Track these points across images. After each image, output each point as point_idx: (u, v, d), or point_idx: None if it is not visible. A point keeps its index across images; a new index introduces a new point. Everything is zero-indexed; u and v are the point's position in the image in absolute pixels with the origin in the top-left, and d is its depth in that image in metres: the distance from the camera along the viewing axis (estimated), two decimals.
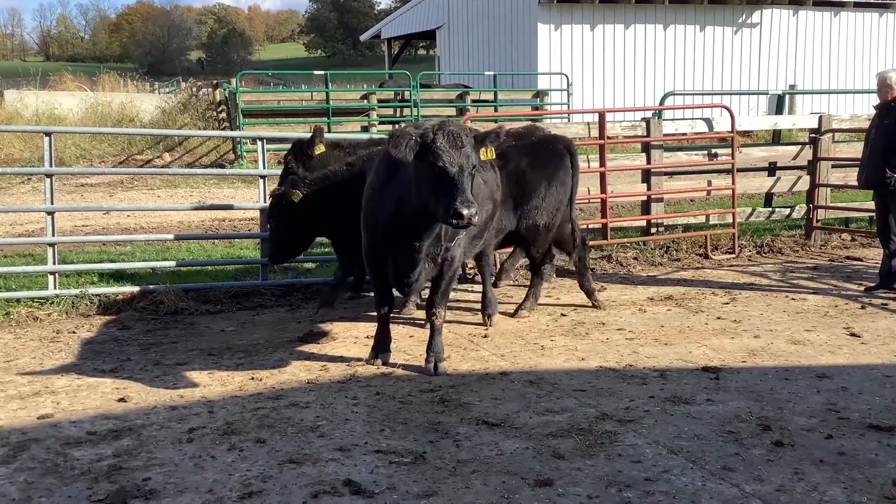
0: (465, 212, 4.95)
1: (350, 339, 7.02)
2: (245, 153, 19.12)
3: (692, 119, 11.82)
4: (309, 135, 7.67)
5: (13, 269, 8.26)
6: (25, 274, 8.47)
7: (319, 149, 7.39)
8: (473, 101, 22.65)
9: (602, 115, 10.06)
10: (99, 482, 4.23)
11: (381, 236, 5.80)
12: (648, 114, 11.39)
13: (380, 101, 22.59)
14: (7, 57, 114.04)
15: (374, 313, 6.45)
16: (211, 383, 5.87)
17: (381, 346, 6.33)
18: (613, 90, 25.28)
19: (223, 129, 20.80)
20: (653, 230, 10.54)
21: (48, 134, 8.11)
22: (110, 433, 4.90)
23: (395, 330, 6.75)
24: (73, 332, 7.27)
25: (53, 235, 8.18)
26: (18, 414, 5.26)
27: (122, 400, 5.50)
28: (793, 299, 8.17)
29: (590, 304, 7.91)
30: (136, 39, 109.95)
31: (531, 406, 5.32)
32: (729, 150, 10.71)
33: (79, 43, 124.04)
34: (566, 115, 20.69)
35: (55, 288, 8.04)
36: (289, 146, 8.14)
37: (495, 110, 22.21)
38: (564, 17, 24.74)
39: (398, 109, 22.56)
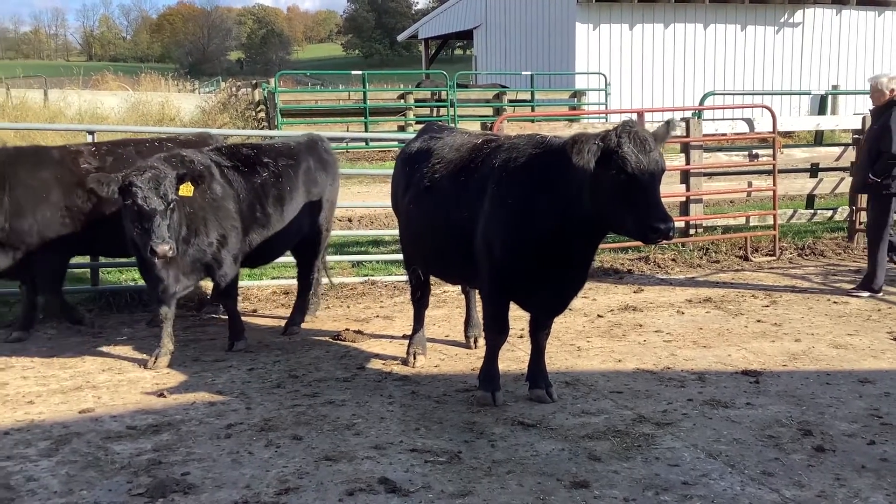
0: (662, 226, 4.48)
1: (386, 338, 7.04)
2: None
3: (732, 119, 11.67)
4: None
5: None
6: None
7: None
8: (510, 101, 22.60)
9: (641, 115, 9.99)
10: (139, 476, 4.29)
11: (533, 255, 5.05)
12: (688, 114, 11.29)
13: (416, 100, 22.63)
14: (51, 57, 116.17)
15: (485, 343, 5.58)
16: (249, 380, 5.92)
17: (495, 380, 5.49)
18: (652, 90, 25.05)
19: (261, 128, 20.97)
20: (692, 231, 10.44)
21: (91, 132, 8.24)
22: (150, 428, 4.97)
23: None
24: (114, 328, 7.38)
25: None
26: (60, 408, 5.36)
27: (161, 395, 5.57)
28: (835, 303, 8.04)
29: (629, 306, 7.86)
30: (176, 40, 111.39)
31: (567, 407, 5.30)
32: (770, 151, 10.56)
33: (121, 43, 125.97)
34: (604, 115, 20.56)
35: (96, 284, 8.16)
36: (332, 144, 8.14)
37: (532, 110, 22.14)
38: (603, 17, 24.58)
39: (435, 109, 22.60)
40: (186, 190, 5.83)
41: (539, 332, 5.55)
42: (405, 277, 8.34)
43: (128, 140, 7.83)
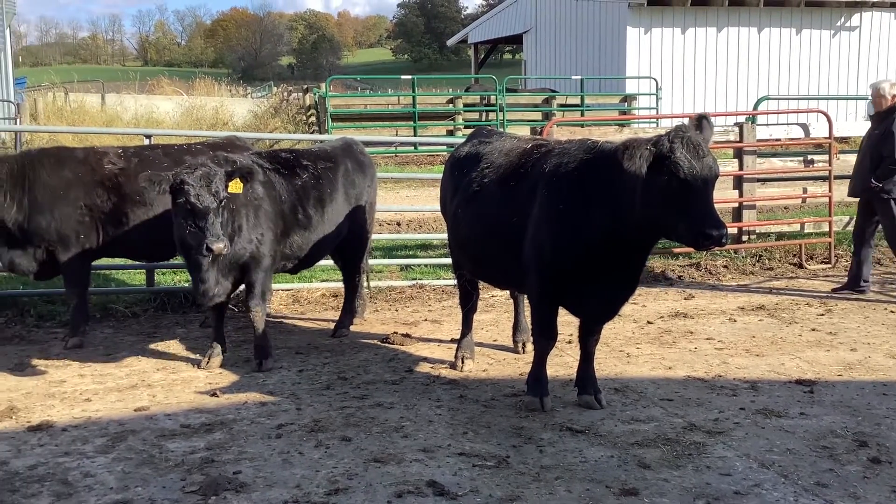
0: (715, 232, 4.43)
1: (434, 342, 7.06)
2: None
3: (787, 124, 11.47)
4: None
5: (113, 265, 8.57)
6: (124, 271, 8.80)
7: None
8: (560, 105, 22.51)
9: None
10: (192, 474, 4.37)
11: (583, 261, 5.02)
12: (741, 118, 11.13)
13: (465, 105, 22.67)
14: (107, 62, 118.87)
15: (533, 350, 5.61)
16: (299, 381, 5.99)
17: (543, 385, 5.50)
18: (704, 94, 24.72)
19: (312, 132, 21.19)
20: (744, 238, 10.29)
21: (148, 136, 8.43)
22: (203, 426, 5.06)
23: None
24: (169, 328, 7.53)
25: None
26: (116, 406, 5.48)
27: (214, 395, 5.67)
28: (892, 311, 7.85)
29: (679, 312, 7.78)
30: (230, 45, 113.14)
31: (616, 414, 5.26)
32: (826, 157, 10.36)
33: (175, 48, 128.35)
34: (655, 120, 20.36)
35: (152, 285, 8.33)
36: (377, 149, 8.19)
37: (582, 115, 22.00)
38: (654, 21, 24.34)
39: (484, 114, 22.61)
40: (236, 187, 5.87)
41: (588, 338, 5.52)
42: (453, 281, 8.37)
43: (156, 144, 7.97)
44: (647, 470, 4.41)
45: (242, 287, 6.55)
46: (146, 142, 8.29)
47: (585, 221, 4.97)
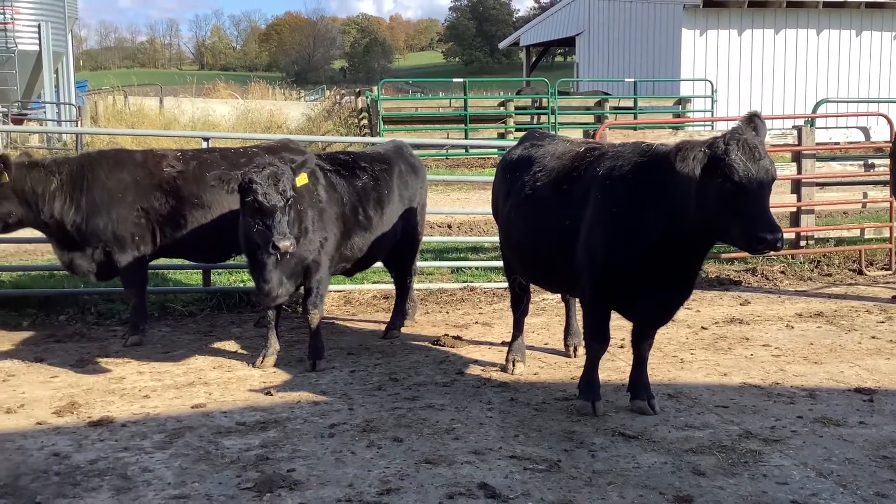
0: (769, 237, 4.39)
1: (485, 344, 7.07)
2: None
3: (847, 128, 11.24)
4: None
5: (171, 265, 8.74)
6: (181, 271, 8.96)
7: (3, 178, 6.65)
8: (612, 108, 22.35)
9: None
10: (247, 471, 4.44)
11: (636, 265, 4.99)
12: (800, 122, 10.92)
13: (517, 108, 22.64)
14: (165, 66, 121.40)
15: (585, 354, 5.57)
16: (351, 381, 6.05)
17: (595, 390, 5.43)
18: (761, 97, 24.31)
19: (363, 135, 21.38)
20: (802, 243, 10.09)
21: (206, 139, 8.58)
22: (258, 424, 5.14)
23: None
24: (224, 328, 7.66)
25: None
26: (174, 403, 5.59)
27: (268, 393, 5.75)
28: None
29: (735, 318, 7.67)
30: (283, 49, 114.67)
31: (670, 420, 5.20)
32: (887, 161, 10.10)
33: (231, 52, 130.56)
34: (710, 123, 20.10)
35: (208, 285, 8.47)
36: (428, 151, 8.23)
37: (635, 118, 21.82)
38: (710, 22, 24.02)
39: (535, 116, 22.56)
40: (302, 179, 5.94)
41: (641, 343, 5.47)
42: (504, 284, 8.36)
43: (213, 147, 8.11)
44: (702, 477, 4.36)
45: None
46: (203, 144, 8.44)
47: (639, 224, 4.93)
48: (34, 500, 4.11)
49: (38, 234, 7.66)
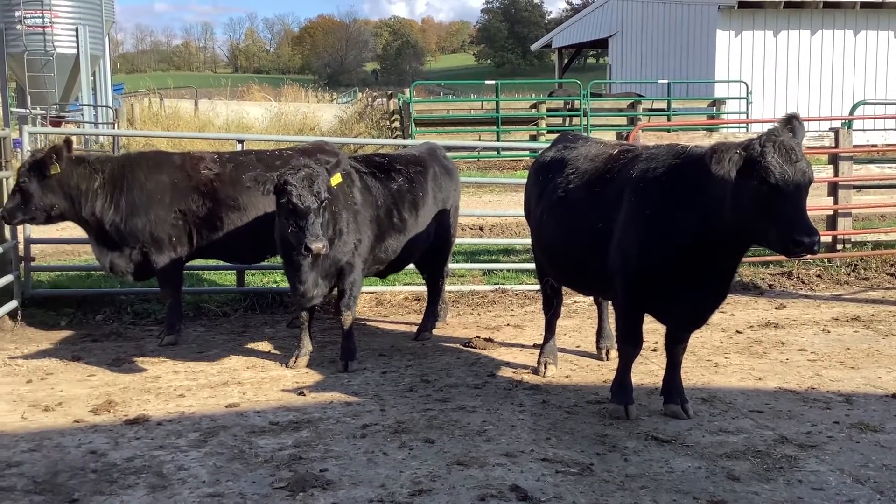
0: (806, 240, 4.32)
1: (516, 347, 7.06)
2: None
3: (885, 130, 11.06)
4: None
5: (205, 266, 8.84)
6: (216, 272, 9.06)
7: (55, 168, 6.77)
8: (645, 110, 22.21)
9: None
10: (280, 470, 4.47)
11: (670, 267, 4.94)
12: (836, 124, 10.77)
13: (549, 110, 22.58)
14: (199, 69, 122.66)
15: (618, 359, 5.55)
16: (382, 382, 6.07)
17: (627, 393, 5.41)
18: (797, 99, 24.02)
19: (395, 137, 21.45)
20: (839, 246, 9.94)
21: (241, 141, 8.67)
22: (291, 424, 5.17)
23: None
24: (258, 328, 7.72)
25: None
26: (208, 402, 5.65)
27: (301, 394, 5.79)
28: None
29: (770, 322, 7.59)
30: (316, 52, 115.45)
31: (704, 424, 5.15)
32: None
33: (264, 55, 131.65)
34: (745, 125, 19.89)
35: (242, 285, 8.55)
36: (460, 153, 8.24)
37: (668, 119, 21.66)
38: (745, 23, 23.78)
39: (567, 119, 22.48)
40: (335, 179, 5.98)
41: (675, 346, 5.43)
42: (536, 286, 8.35)
43: (249, 150, 8.18)
44: (737, 482, 4.31)
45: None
46: (238, 147, 8.53)
47: (673, 226, 4.89)
48: (71, 497, 4.17)
49: (75, 234, 7.80)
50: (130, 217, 6.93)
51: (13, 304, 7.68)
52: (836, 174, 9.84)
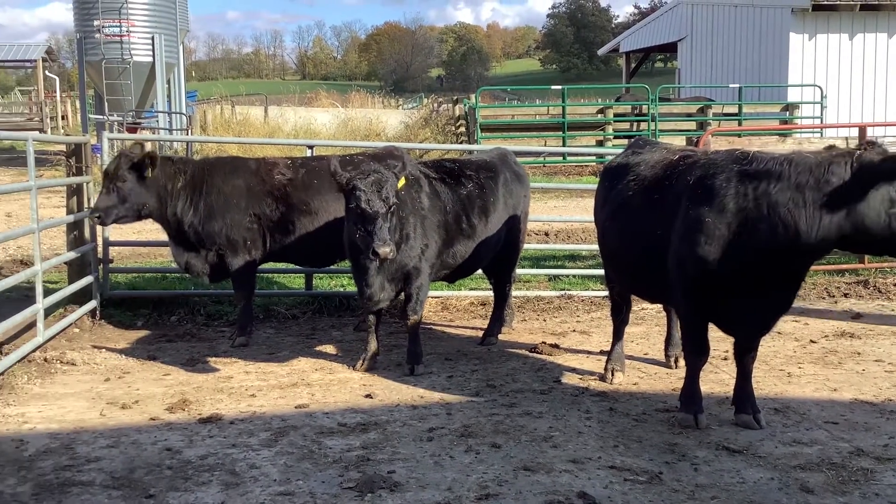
0: None
1: (582, 353, 7.01)
2: None
3: None
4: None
5: (275, 269, 9.00)
6: (284, 275, 9.22)
7: (153, 169, 6.97)
8: (715, 114, 21.83)
9: (863, 130, 9.38)
10: (349, 471, 4.53)
11: (731, 276, 4.88)
12: None
13: (616, 115, 22.38)
14: (269, 76, 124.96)
15: (685, 363, 5.48)
16: (449, 386, 6.10)
17: (696, 402, 5.32)
18: (874, 103, 23.32)
19: (461, 142, 21.49)
20: None
21: (311, 147, 8.82)
22: (359, 426, 5.24)
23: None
24: (325, 331, 7.84)
25: None
26: (279, 402, 5.76)
27: (368, 396, 5.86)
28: None
29: (845, 332, 7.38)
30: (382, 58, 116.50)
31: (776, 435, 5.05)
32: None
33: (331, 62, 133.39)
34: (819, 130, 19.41)
35: (310, 288, 8.68)
36: (525, 159, 8.20)
37: (739, 124, 21.26)
38: (820, 27, 23.20)
39: (635, 124, 22.24)
40: (401, 183, 6.04)
41: (744, 355, 5.33)
42: (603, 293, 8.30)
43: (320, 155, 8.31)
44: (810, 494, 4.21)
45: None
46: (309, 152, 8.67)
47: (737, 236, 4.81)
48: (148, 493, 4.29)
49: (150, 237, 8.02)
50: (208, 220, 7.12)
51: (92, 304, 7.94)
52: None
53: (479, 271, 7.83)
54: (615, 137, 21.32)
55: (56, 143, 14.81)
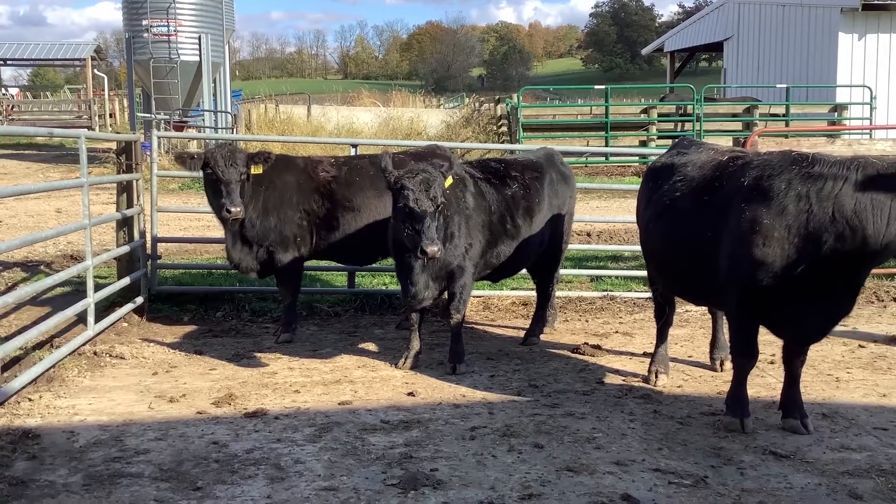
0: None
1: (625, 355, 6.97)
2: None
3: None
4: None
5: (318, 267, 9.07)
6: (327, 272, 9.29)
7: (257, 169, 6.99)
8: (762, 115, 21.52)
9: None
10: (392, 468, 4.56)
11: (789, 280, 4.79)
12: None
13: (660, 115, 22.17)
14: (311, 75, 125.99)
15: (732, 369, 5.39)
16: (491, 386, 6.10)
17: (743, 406, 5.26)
18: None
19: (502, 142, 21.45)
20: None
21: (355, 146, 8.88)
22: (401, 423, 5.26)
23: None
24: (368, 328, 7.89)
25: None
26: (322, 399, 5.81)
27: (410, 394, 5.88)
28: None
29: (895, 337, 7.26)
30: (423, 58, 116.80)
31: (824, 440, 4.97)
32: None
33: (373, 62, 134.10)
34: (868, 131, 19.02)
35: (352, 287, 8.74)
36: (567, 158, 8.15)
37: (786, 125, 20.94)
38: (870, 26, 22.75)
39: (679, 124, 22.02)
40: (447, 182, 6.05)
41: (793, 360, 5.25)
42: (646, 294, 8.23)
43: (363, 154, 8.34)
44: (859, 501, 4.15)
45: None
46: (352, 151, 8.73)
47: (796, 238, 4.73)
48: (195, 485, 4.36)
49: (196, 234, 8.12)
50: (265, 214, 7.19)
51: (140, 299, 8.08)
52: None
53: (522, 270, 7.81)
54: (659, 138, 21.11)
55: (106, 141, 15.08)
